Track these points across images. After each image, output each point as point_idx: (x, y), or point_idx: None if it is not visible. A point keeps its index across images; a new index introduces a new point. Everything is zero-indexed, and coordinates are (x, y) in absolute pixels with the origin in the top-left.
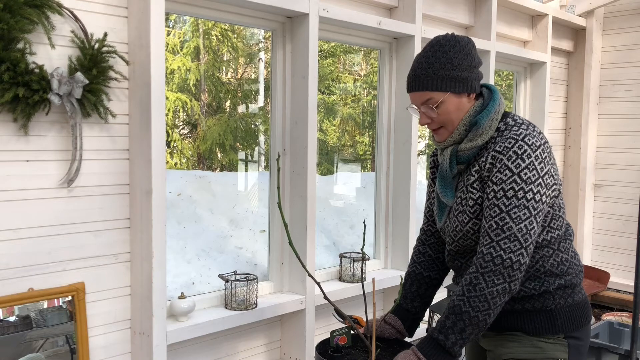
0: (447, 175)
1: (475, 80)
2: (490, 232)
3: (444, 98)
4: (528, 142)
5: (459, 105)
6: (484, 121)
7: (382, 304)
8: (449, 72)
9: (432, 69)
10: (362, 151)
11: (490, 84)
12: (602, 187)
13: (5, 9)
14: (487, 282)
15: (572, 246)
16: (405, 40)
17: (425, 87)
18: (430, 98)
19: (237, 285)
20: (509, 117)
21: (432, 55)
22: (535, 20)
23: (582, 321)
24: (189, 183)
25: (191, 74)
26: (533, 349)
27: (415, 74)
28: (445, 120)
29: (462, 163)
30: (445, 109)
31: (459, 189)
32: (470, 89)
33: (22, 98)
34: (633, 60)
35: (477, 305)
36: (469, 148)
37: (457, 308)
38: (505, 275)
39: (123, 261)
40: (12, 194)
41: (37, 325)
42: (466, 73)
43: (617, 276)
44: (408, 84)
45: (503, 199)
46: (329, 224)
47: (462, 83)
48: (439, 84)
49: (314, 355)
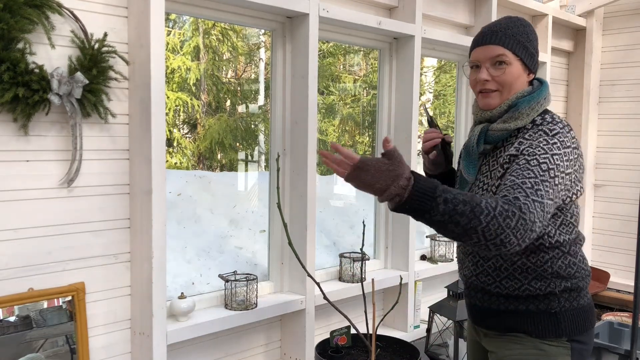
0: (472, 151)
1: (537, 63)
2: (526, 188)
3: (514, 61)
4: (559, 139)
5: (520, 77)
6: (523, 106)
7: (382, 304)
8: (525, 42)
9: (512, 31)
10: (362, 151)
11: (543, 79)
12: (602, 187)
13: (5, 9)
14: (516, 226)
15: (582, 250)
16: (405, 40)
17: (502, 43)
18: (502, 54)
19: (237, 285)
20: (547, 114)
21: (512, 23)
22: (535, 20)
23: (587, 325)
24: (189, 183)
25: (191, 73)
26: (536, 352)
27: (493, 30)
28: (505, 82)
29: (490, 143)
30: (510, 71)
31: (483, 172)
32: (534, 67)
33: (22, 98)
34: (633, 60)
35: (490, 229)
36: (500, 129)
37: (478, 210)
38: (526, 232)
39: (123, 261)
40: (12, 194)
41: (37, 325)
42: (535, 52)
43: (617, 276)
44: (480, 38)
45: (537, 168)
46: (329, 224)
47: (531, 57)
48: (515, 46)
49: (314, 355)
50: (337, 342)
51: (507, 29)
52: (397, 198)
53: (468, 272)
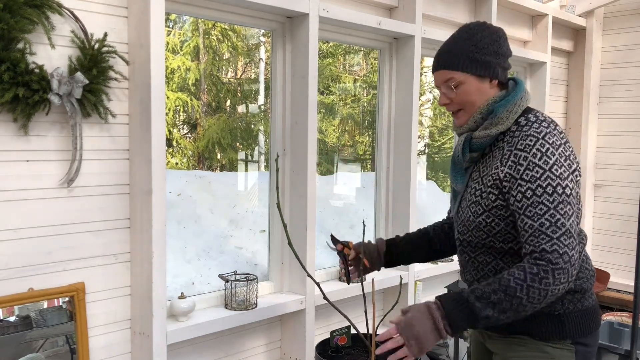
0: (458, 160)
1: (499, 67)
2: (546, 230)
3: (465, 79)
4: (549, 140)
5: (479, 89)
6: (500, 110)
7: (382, 304)
8: (471, 54)
9: (456, 49)
10: (362, 151)
11: (518, 78)
12: (602, 187)
13: (5, 9)
14: (555, 278)
15: (585, 250)
16: (405, 40)
17: (445, 66)
18: (450, 78)
19: (237, 285)
20: (530, 113)
21: (459, 37)
22: (535, 20)
23: (591, 327)
24: (189, 183)
25: (191, 73)
26: (540, 354)
27: (439, 53)
28: (464, 101)
29: (475, 151)
30: (464, 90)
31: (473, 179)
32: (493, 74)
33: (22, 98)
34: (633, 60)
35: (533, 297)
36: (483, 136)
37: (512, 290)
38: (570, 273)
39: (123, 261)
40: (12, 194)
41: (37, 325)
42: (490, 58)
43: (617, 276)
44: (433, 63)
45: (545, 196)
46: (329, 224)
47: (484, 67)
48: (461, 64)
49: (314, 355)
50: (337, 342)
51: (451, 49)
52: (445, 321)
53: (470, 277)
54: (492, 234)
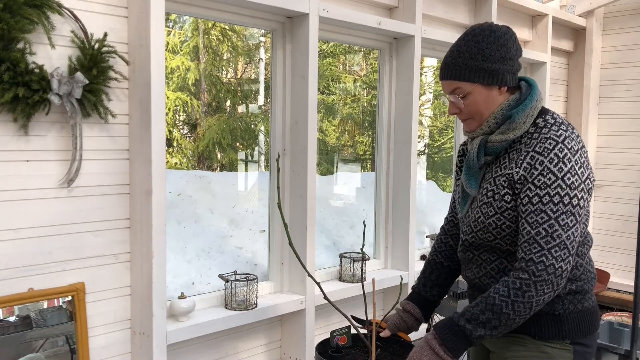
0: (473, 164)
1: (508, 73)
2: (540, 239)
3: (472, 89)
4: (568, 145)
5: (488, 98)
6: (519, 116)
7: (382, 304)
8: (478, 63)
9: (462, 59)
10: (362, 151)
11: (530, 78)
12: (602, 187)
13: (5, 9)
14: (537, 290)
15: (589, 253)
16: (405, 40)
17: (452, 77)
18: (458, 88)
19: (237, 285)
20: (548, 115)
21: (465, 44)
22: (535, 20)
23: (591, 328)
24: (189, 183)
25: (190, 73)
26: (539, 354)
27: (446, 62)
28: (472, 111)
29: (491, 155)
30: (472, 100)
31: (486, 180)
32: (501, 81)
33: (22, 98)
34: (633, 60)
35: (519, 311)
36: (500, 141)
37: (497, 307)
38: (555, 284)
39: (123, 261)
40: (12, 194)
41: (37, 325)
42: (498, 65)
43: (617, 276)
44: (440, 71)
45: (550, 205)
46: (329, 224)
47: (492, 75)
48: (467, 74)
49: (314, 355)
50: (337, 342)
51: (458, 56)
52: (443, 347)
53: (471, 275)
54: (501, 237)
